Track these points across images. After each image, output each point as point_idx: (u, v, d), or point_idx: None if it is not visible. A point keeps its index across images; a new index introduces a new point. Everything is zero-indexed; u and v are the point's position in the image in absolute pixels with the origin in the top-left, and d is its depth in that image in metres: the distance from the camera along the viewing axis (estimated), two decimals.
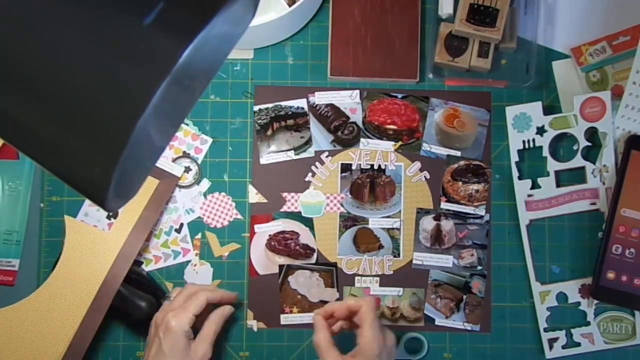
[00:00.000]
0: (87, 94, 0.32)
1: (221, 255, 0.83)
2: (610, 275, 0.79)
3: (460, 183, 0.84)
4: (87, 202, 0.83)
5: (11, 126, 0.34)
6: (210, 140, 0.84)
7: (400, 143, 0.84)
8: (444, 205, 0.84)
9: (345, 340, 0.72)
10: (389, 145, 0.84)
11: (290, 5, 0.80)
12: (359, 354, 0.68)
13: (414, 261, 0.83)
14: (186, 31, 0.32)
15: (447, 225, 0.83)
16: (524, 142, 0.83)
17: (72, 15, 0.32)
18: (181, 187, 0.83)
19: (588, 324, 0.82)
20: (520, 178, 0.83)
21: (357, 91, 0.85)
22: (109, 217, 0.81)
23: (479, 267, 0.83)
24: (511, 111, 0.83)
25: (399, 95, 0.85)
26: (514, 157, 0.83)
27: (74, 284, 0.78)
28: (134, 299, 0.78)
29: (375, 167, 0.84)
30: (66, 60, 0.32)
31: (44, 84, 0.32)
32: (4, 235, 0.83)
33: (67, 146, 0.33)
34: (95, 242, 0.79)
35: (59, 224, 0.82)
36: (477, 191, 0.84)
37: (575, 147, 0.83)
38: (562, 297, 0.82)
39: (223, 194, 0.84)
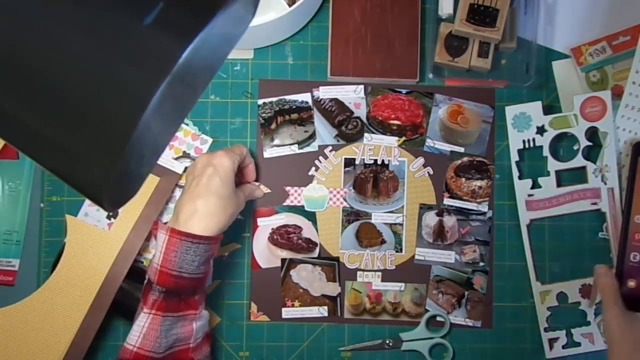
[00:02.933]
0: (87, 94, 0.32)
1: (221, 255, 0.83)
2: (632, 283, 0.76)
3: (464, 179, 0.84)
4: (87, 202, 0.83)
5: (11, 126, 0.34)
6: (210, 140, 0.84)
7: (404, 138, 0.84)
8: (447, 201, 0.84)
9: None
10: (392, 141, 0.84)
11: (290, 5, 0.80)
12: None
13: (416, 257, 0.83)
14: (186, 31, 0.32)
15: (449, 221, 0.83)
16: (524, 141, 0.83)
17: (72, 15, 0.32)
18: (181, 187, 0.83)
19: (588, 323, 0.82)
20: (520, 178, 0.83)
21: (362, 86, 0.85)
22: (109, 217, 0.81)
23: (481, 264, 0.83)
24: (511, 111, 0.83)
25: (403, 91, 0.85)
26: (514, 157, 0.83)
27: (75, 282, 0.78)
28: (136, 293, 0.78)
29: (379, 162, 0.84)
30: (66, 60, 0.32)
31: (44, 84, 0.32)
32: (4, 235, 0.83)
33: (67, 146, 0.33)
34: (96, 240, 0.79)
35: (59, 224, 0.82)
36: (480, 187, 0.84)
37: (575, 147, 0.83)
38: (562, 297, 0.82)
39: None
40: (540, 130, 0.83)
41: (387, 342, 0.82)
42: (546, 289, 0.82)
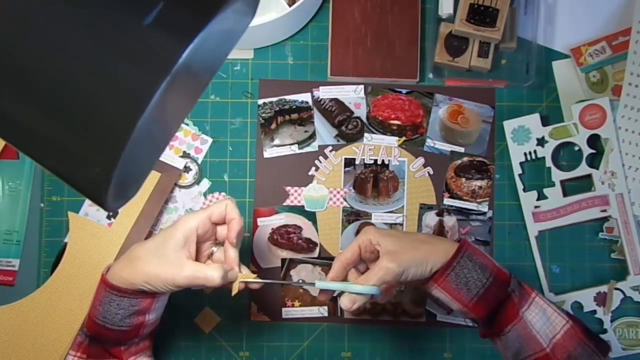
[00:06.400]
0: (87, 94, 0.32)
1: None
2: None
3: (464, 179, 0.84)
4: (87, 202, 0.83)
5: (11, 126, 0.34)
6: (210, 140, 0.84)
7: (404, 138, 0.84)
8: (447, 201, 0.84)
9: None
10: (392, 141, 0.84)
11: (290, 5, 0.80)
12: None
13: None
14: (186, 31, 0.32)
15: (449, 221, 0.83)
16: (525, 154, 0.83)
17: (72, 15, 0.32)
18: (181, 187, 0.83)
19: (605, 331, 0.81)
20: (525, 190, 0.82)
21: (362, 86, 0.85)
22: (109, 217, 0.81)
23: None
24: (509, 125, 0.83)
25: (404, 91, 0.85)
26: (517, 170, 0.82)
27: (77, 281, 0.78)
28: None
29: (379, 162, 0.84)
30: (66, 60, 0.32)
31: (44, 84, 0.32)
32: (4, 235, 0.83)
33: (67, 146, 0.33)
34: (98, 237, 0.79)
35: (59, 224, 0.82)
36: (480, 187, 0.84)
37: (578, 156, 0.82)
38: (577, 306, 0.82)
39: (223, 194, 0.84)
40: (541, 142, 0.82)
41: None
42: (560, 300, 0.82)
